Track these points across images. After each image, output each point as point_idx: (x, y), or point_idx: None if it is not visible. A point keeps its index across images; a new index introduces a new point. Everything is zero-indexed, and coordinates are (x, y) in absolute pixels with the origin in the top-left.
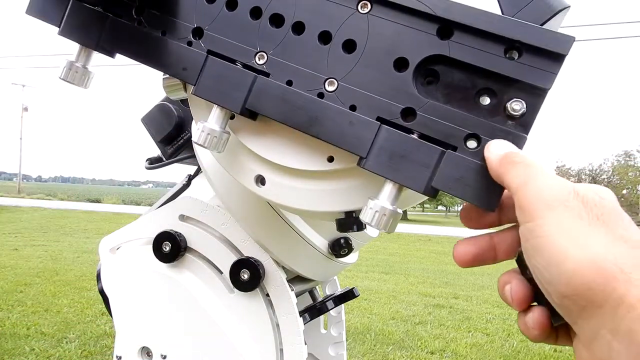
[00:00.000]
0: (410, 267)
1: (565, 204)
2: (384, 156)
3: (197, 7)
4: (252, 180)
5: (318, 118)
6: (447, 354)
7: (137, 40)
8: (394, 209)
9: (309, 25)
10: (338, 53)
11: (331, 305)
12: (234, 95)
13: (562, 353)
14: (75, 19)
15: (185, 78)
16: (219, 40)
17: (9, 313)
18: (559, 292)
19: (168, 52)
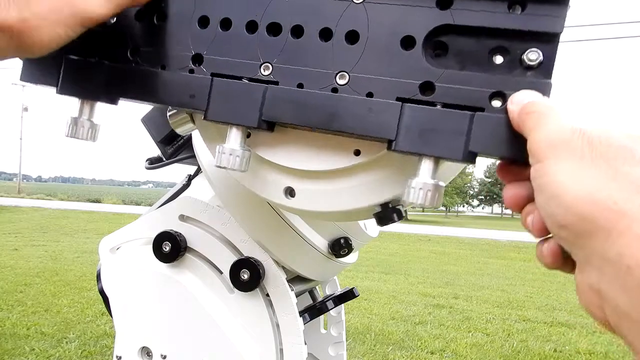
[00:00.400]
0: (410, 267)
1: (569, 144)
2: (414, 134)
3: (191, 35)
4: (281, 194)
5: (337, 113)
6: (447, 354)
7: (137, 80)
8: (436, 183)
9: (308, 27)
10: (342, 46)
11: (331, 305)
12: (248, 111)
13: (561, 353)
14: (71, 75)
15: (194, 106)
16: (220, 62)
17: (9, 313)
18: (557, 223)
19: (172, 85)
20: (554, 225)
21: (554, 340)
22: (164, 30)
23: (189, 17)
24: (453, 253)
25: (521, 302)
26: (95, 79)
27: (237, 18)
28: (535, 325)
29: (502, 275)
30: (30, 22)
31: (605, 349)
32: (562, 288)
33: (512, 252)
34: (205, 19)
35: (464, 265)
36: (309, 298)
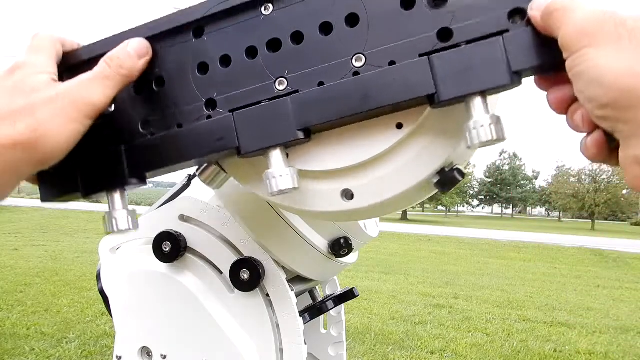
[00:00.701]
0: (410, 267)
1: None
2: (452, 79)
3: (196, 84)
4: (339, 200)
5: (368, 92)
6: (447, 354)
7: (159, 150)
8: (493, 115)
9: (306, 30)
10: (346, 32)
11: (331, 305)
12: (281, 127)
13: (561, 353)
14: (91, 173)
15: (225, 147)
16: (234, 97)
17: (9, 313)
18: (599, 104)
19: (195, 139)
20: (596, 108)
21: (554, 340)
22: (167, 92)
23: (187, 70)
24: (453, 253)
25: (521, 302)
26: (116, 167)
27: (234, 51)
28: (535, 325)
29: (502, 275)
30: (40, 130)
31: (605, 349)
32: (562, 288)
33: (512, 252)
34: (204, 65)
35: (464, 265)
36: (309, 298)
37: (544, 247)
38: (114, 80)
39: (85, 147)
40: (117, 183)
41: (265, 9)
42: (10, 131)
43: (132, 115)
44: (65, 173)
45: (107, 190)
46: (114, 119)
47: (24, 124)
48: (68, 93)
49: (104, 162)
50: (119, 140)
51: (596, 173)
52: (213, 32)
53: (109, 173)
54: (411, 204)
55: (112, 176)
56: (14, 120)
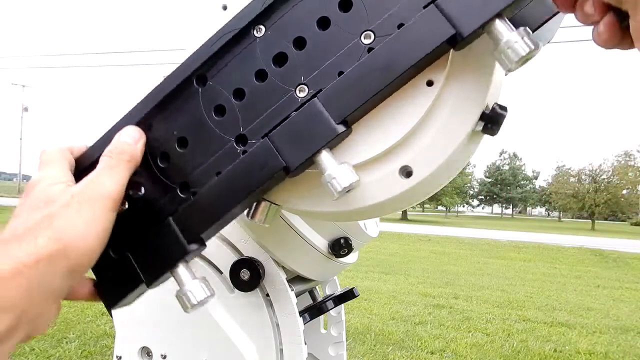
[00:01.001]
0: (410, 267)
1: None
2: (467, 12)
3: (219, 129)
4: (399, 180)
5: (389, 61)
6: (447, 354)
7: (207, 205)
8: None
9: (305, 33)
10: (344, 18)
11: (331, 305)
12: (320, 129)
13: (561, 353)
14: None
15: (272, 171)
16: (261, 124)
17: None
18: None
19: (239, 177)
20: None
21: (554, 340)
22: (194, 148)
23: (205, 119)
24: (453, 253)
25: (521, 302)
26: (171, 241)
27: (243, 81)
28: (535, 325)
29: (502, 275)
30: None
31: (605, 349)
32: (562, 288)
33: (512, 252)
34: (220, 107)
35: (464, 265)
36: (309, 298)
37: (544, 247)
38: (119, 167)
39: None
40: (178, 257)
41: (258, 31)
42: (31, 249)
43: (167, 186)
44: (121, 271)
45: (171, 269)
46: (150, 197)
47: (44, 236)
48: (82, 193)
49: (157, 242)
50: (164, 215)
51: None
52: (216, 74)
53: (166, 251)
54: (465, 161)
55: (170, 252)
56: (34, 236)
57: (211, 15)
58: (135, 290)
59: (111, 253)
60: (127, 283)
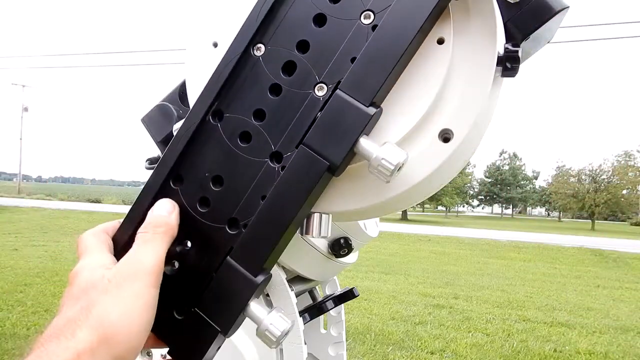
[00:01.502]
0: (410, 267)
1: None
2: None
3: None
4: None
5: (397, 31)
6: (447, 354)
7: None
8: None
9: (305, 36)
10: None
11: (331, 305)
12: (351, 117)
13: (561, 353)
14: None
15: (318, 174)
16: (290, 135)
17: (9, 313)
18: None
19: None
20: None
21: (554, 340)
22: (230, 184)
23: (232, 151)
24: (453, 253)
25: (521, 302)
26: (236, 280)
27: (260, 102)
28: (535, 325)
29: (502, 275)
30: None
31: (605, 349)
32: (562, 288)
33: (512, 252)
34: (245, 134)
35: (464, 265)
36: (309, 298)
37: (544, 247)
38: (156, 241)
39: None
40: (247, 294)
41: (257, 50)
42: (71, 344)
43: (214, 228)
44: (193, 330)
45: (244, 309)
46: (200, 248)
47: (84, 328)
48: (119, 274)
49: (222, 286)
50: (222, 258)
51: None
52: (230, 104)
53: (234, 291)
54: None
55: (238, 292)
56: (73, 329)
57: (203, 54)
58: (213, 344)
59: (176, 315)
60: (203, 339)
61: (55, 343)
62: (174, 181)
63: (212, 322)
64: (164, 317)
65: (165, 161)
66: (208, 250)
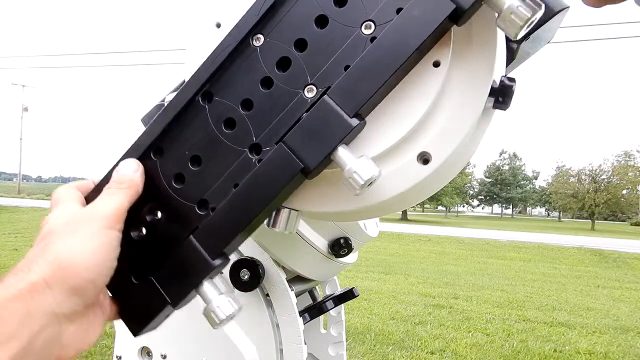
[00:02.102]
0: (410, 267)
1: None
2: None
3: (231, 142)
4: (419, 168)
5: (394, 47)
6: (447, 354)
7: (227, 219)
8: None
9: (305, 34)
10: (342, 13)
11: (331, 305)
12: (334, 125)
13: (561, 353)
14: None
15: (291, 174)
16: (273, 130)
17: None
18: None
19: (258, 186)
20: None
21: (554, 340)
22: (208, 165)
23: (216, 134)
24: (453, 253)
25: (521, 302)
26: (194, 259)
27: (250, 92)
28: (535, 325)
29: (502, 275)
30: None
31: (605, 349)
32: (562, 288)
33: (512, 252)
34: (229, 120)
35: (464, 265)
36: (309, 298)
37: (544, 247)
38: (118, 194)
39: (151, 260)
40: (203, 274)
41: (257, 40)
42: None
43: (184, 205)
44: (145, 296)
45: (196, 287)
46: (169, 219)
47: (40, 263)
48: (77, 218)
49: (180, 262)
50: (185, 234)
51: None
52: (221, 89)
53: (190, 269)
54: (479, 142)
55: (194, 270)
56: (30, 265)
57: (206, 33)
58: (161, 313)
59: (133, 280)
60: (152, 307)
61: (13, 277)
62: (154, 152)
63: (164, 293)
64: (122, 278)
65: (150, 131)
66: (174, 225)
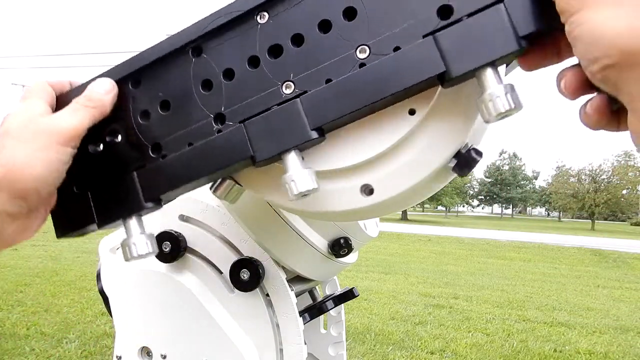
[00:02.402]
0: (410, 267)
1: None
2: (460, 54)
3: (202, 102)
4: (358, 196)
5: (377, 82)
6: (447, 354)
7: (172, 171)
8: (507, 84)
9: (305, 31)
10: (346, 26)
11: (331, 305)
12: (295, 130)
13: (561, 353)
14: (105, 203)
15: (239, 158)
16: (241, 108)
17: (9, 313)
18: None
19: (207, 154)
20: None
21: (554, 340)
22: (174, 114)
23: (191, 90)
24: (453, 253)
25: (521, 302)
26: (130, 193)
27: (236, 63)
28: (535, 325)
29: (502, 275)
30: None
31: (605, 349)
32: (562, 288)
33: (512, 252)
34: (207, 82)
35: (464, 265)
36: (309, 298)
37: (544, 247)
38: (81, 111)
39: (95, 177)
40: (133, 209)
41: (261, 17)
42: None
43: (141, 142)
44: (78, 207)
45: (123, 218)
46: (124, 147)
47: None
48: (35, 127)
49: (117, 190)
50: (131, 167)
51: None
52: (212, 49)
53: (124, 200)
54: (428, 194)
55: (126, 203)
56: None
57: None
58: (85, 228)
59: (74, 188)
60: (81, 219)
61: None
62: (133, 82)
63: (94, 212)
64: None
65: (138, 59)
66: (126, 155)
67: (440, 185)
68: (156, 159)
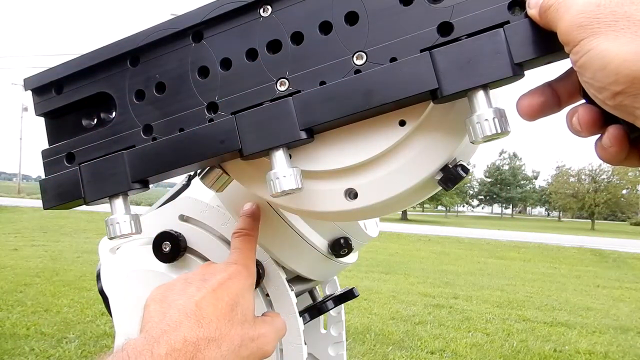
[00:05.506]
0: (410, 267)
1: (598, 18)
2: (455, 73)
3: (197, 89)
4: (342, 199)
5: (370, 90)
6: (447, 354)
7: (161, 154)
8: (497, 108)
9: (306, 30)
10: (346, 31)
11: (331, 305)
12: (285, 128)
13: (561, 353)
14: (94, 180)
15: (227, 149)
16: (235, 99)
17: (9, 313)
18: (611, 92)
19: (197, 142)
20: (609, 97)
21: (554, 340)
22: (168, 98)
23: (187, 75)
24: (453, 253)
25: (521, 302)
26: (118, 172)
27: (234, 54)
28: (535, 325)
29: (502, 275)
30: None
31: (605, 349)
32: (562, 288)
33: (512, 252)
34: (204, 69)
35: (464, 265)
36: (309, 298)
37: (544, 247)
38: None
39: (87, 153)
40: (120, 188)
41: (264, 10)
42: None
43: (133, 122)
44: (68, 179)
45: (110, 196)
46: (116, 126)
47: None
48: None
49: (107, 168)
50: (121, 146)
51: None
52: (212, 36)
53: (112, 179)
54: (414, 202)
55: (114, 182)
56: None
57: None
58: (72, 202)
59: (65, 162)
60: (68, 193)
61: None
62: (131, 60)
63: (82, 187)
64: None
65: (139, 37)
66: (118, 134)
67: (426, 195)
68: (146, 141)
